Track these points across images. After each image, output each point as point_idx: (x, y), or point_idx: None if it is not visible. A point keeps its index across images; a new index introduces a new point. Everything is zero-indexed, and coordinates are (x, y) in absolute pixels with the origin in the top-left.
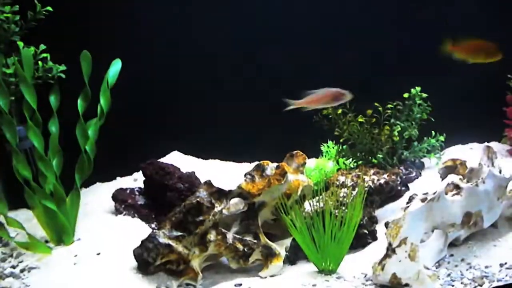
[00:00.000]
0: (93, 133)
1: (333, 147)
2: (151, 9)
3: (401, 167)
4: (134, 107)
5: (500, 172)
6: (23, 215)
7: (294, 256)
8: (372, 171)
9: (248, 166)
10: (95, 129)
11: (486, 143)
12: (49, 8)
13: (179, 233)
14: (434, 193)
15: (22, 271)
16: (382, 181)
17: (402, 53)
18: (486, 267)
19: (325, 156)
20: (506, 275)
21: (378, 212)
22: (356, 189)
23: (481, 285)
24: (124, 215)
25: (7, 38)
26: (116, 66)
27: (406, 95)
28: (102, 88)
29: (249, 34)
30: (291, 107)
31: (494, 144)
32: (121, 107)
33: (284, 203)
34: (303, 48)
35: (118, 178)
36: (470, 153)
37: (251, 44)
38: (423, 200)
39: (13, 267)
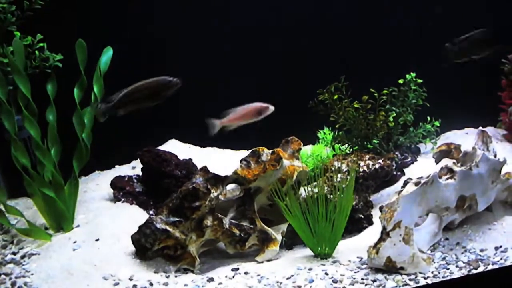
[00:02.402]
0: (88, 121)
1: (329, 134)
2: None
3: (397, 153)
4: None
5: (495, 156)
6: (23, 203)
7: (291, 241)
8: (367, 157)
9: (245, 154)
10: (91, 117)
11: (480, 128)
12: None
13: (176, 219)
14: (428, 177)
15: (22, 257)
16: (377, 166)
17: (398, 38)
18: (481, 250)
19: (321, 142)
20: (501, 259)
21: (374, 197)
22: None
23: (476, 269)
24: (123, 202)
25: (4, 28)
26: (107, 54)
27: (401, 81)
28: (95, 76)
29: (247, 23)
30: (216, 128)
31: (489, 129)
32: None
33: (279, 188)
34: (298, 36)
35: (116, 166)
36: (466, 137)
37: (248, 34)
38: (416, 184)
39: (14, 253)
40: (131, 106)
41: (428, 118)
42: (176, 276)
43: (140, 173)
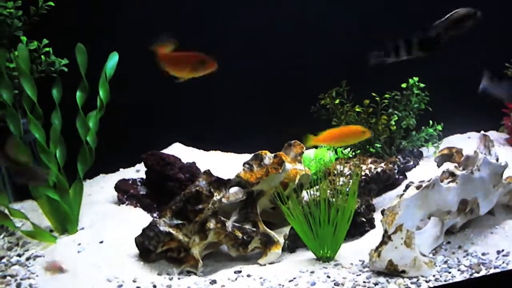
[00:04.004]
0: (93, 125)
1: None
2: (152, 2)
3: (399, 156)
4: (137, 100)
5: (497, 160)
6: (29, 206)
7: (293, 244)
8: (369, 160)
9: (248, 157)
10: (96, 121)
11: (482, 132)
12: (51, 3)
13: (179, 222)
14: (429, 181)
15: (27, 259)
16: (379, 169)
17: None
18: (483, 254)
19: (324, 146)
20: (503, 262)
21: (376, 201)
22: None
23: (478, 272)
24: (127, 205)
25: (11, 33)
26: (113, 59)
27: (404, 85)
28: (100, 80)
29: (249, 26)
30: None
31: (492, 133)
32: (124, 101)
33: (281, 191)
34: (301, 40)
35: (121, 169)
36: (468, 142)
37: (250, 36)
38: (418, 188)
39: (19, 255)
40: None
41: (431, 122)
42: (179, 279)
43: (144, 176)
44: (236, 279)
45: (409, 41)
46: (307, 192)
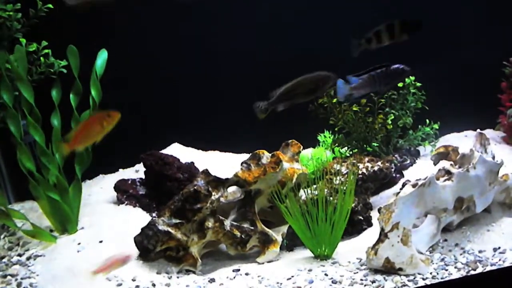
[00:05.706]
0: None
1: (329, 137)
2: (151, 4)
3: (396, 155)
4: (136, 101)
5: (493, 158)
6: (29, 206)
7: (291, 242)
8: (366, 159)
9: (246, 157)
10: None
11: (479, 130)
12: (49, 5)
13: (178, 221)
14: (425, 179)
15: (28, 259)
16: (376, 168)
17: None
18: (480, 251)
19: (322, 145)
20: (500, 260)
21: (373, 199)
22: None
23: (474, 270)
24: (126, 204)
25: (10, 35)
26: (102, 57)
27: (400, 84)
28: (91, 79)
29: (247, 27)
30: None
31: (488, 131)
32: (123, 101)
33: (279, 190)
34: (299, 41)
35: (120, 170)
36: (465, 140)
37: (249, 37)
38: (414, 186)
39: (20, 255)
40: (290, 102)
41: (428, 121)
42: (178, 277)
43: (143, 176)
44: (234, 277)
45: (391, 25)
46: (304, 191)
